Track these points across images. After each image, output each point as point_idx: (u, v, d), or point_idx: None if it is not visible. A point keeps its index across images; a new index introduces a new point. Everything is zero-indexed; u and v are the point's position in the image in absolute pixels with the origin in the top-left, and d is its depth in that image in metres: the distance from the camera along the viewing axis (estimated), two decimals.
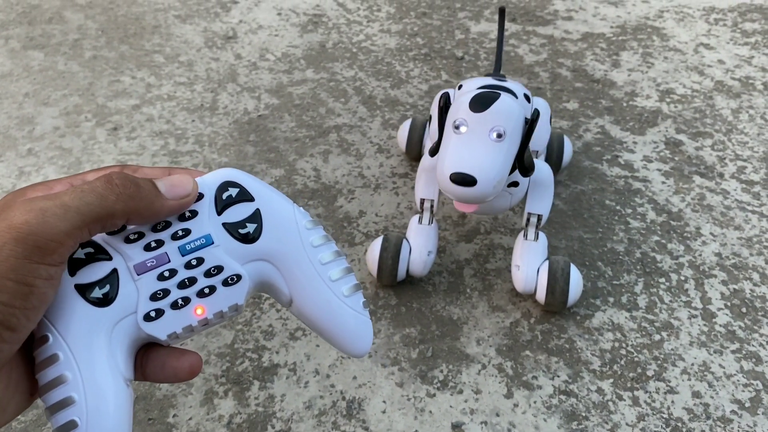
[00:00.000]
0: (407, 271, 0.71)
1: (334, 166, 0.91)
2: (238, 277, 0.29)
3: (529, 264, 0.68)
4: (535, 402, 0.62)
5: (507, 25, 1.26)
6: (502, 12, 0.80)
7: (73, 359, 0.26)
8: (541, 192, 0.69)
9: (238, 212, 0.29)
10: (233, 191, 0.30)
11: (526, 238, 0.69)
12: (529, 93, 0.70)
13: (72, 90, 1.07)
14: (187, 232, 0.29)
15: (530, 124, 0.59)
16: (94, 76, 1.10)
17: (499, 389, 0.63)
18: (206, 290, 0.28)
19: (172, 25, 1.26)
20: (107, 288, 0.27)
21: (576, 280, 0.67)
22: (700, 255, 0.77)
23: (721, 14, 1.29)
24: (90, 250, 0.28)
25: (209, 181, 0.30)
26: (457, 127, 0.59)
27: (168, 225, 0.29)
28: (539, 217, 0.69)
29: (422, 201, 0.72)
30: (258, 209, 0.30)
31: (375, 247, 0.71)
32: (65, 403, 0.25)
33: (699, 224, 0.81)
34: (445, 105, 0.62)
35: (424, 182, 0.72)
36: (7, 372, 0.26)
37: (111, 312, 0.27)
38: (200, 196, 0.29)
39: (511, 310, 0.71)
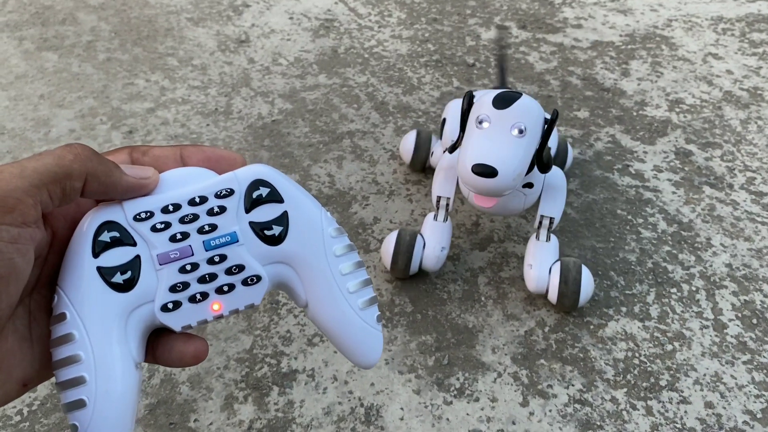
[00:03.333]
0: (420, 265, 0.73)
1: (348, 172, 0.92)
2: (258, 278, 0.29)
3: (541, 264, 0.70)
4: (550, 411, 0.63)
5: (517, 32, 1.27)
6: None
7: (88, 340, 0.26)
8: (553, 195, 0.71)
9: (266, 212, 0.29)
10: (264, 191, 0.29)
11: (538, 240, 0.71)
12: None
13: (87, 92, 1.08)
14: (213, 227, 0.29)
15: (550, 124, 0.62)
16: (108, 78, 1.11)
17: (515, 397, 0.64)
18: (225, 288, 0.29)
19: (184, 27, 1.26)
20: (129, 274, 0.27)
21: (587, 281, 0.69)
22: (711, 266, 0.78)
23: (729, 24, 1.30)
24: (116, 234, 0.28)
25: (241, 177, 0.29)
26: (480, 122, 0.61)
27: (195, 218, 0.29)
28: (551, 220, 0.71)
29: (438, 198, 0.74)
30: (286, 212, 0.29)
31: (390, 241, 0.73)
32: (76, 382, 0.26)
33: (709, 235, 0.82)
34: (468, 105, 0.64)
35: (441, 180, 0.74)
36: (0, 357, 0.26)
37: (130, 298, 0.27)
38: (230, 192, 0.29)
39: (526, 319, 0.72)
